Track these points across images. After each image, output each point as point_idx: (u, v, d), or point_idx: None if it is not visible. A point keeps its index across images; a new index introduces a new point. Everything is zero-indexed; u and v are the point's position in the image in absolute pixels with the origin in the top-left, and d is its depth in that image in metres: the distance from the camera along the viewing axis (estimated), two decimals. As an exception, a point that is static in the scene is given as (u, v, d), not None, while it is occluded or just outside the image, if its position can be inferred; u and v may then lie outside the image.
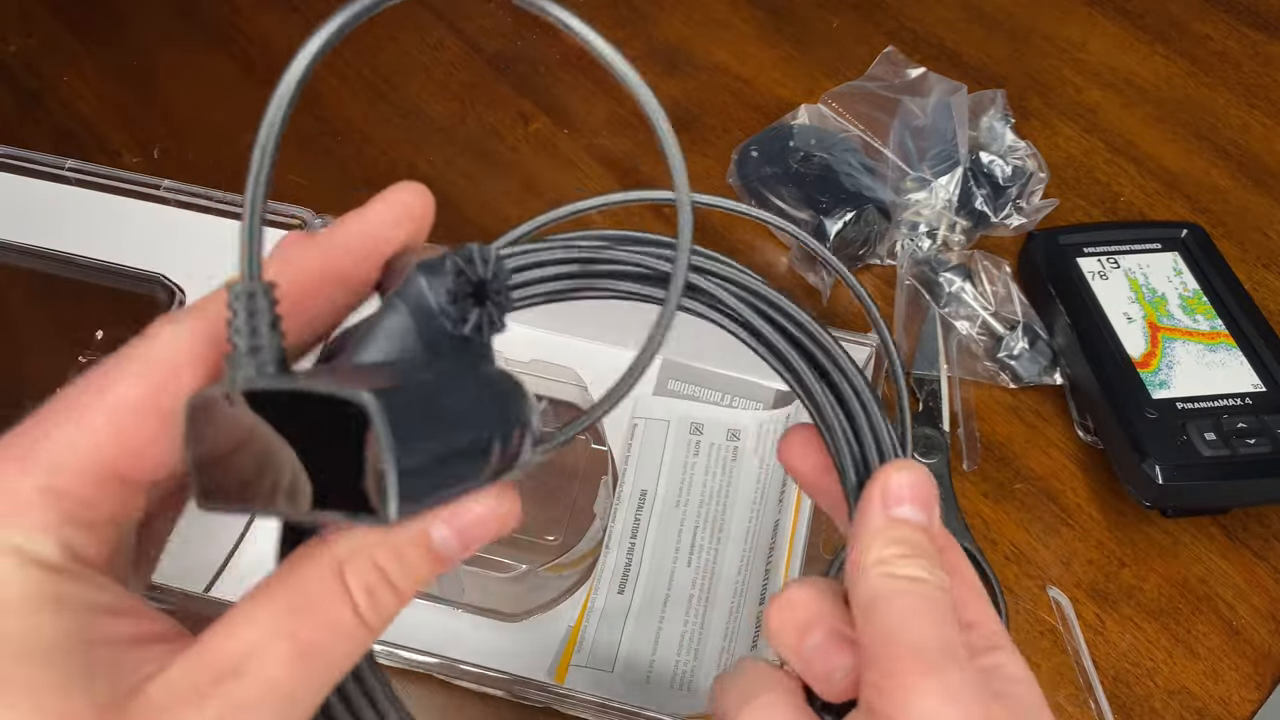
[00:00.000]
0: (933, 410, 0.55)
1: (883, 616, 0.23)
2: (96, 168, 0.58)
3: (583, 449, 0.50)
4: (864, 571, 0.24)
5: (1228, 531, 0.53)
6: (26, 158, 0.59)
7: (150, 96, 0.70)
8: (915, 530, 0.24)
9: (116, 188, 0.58)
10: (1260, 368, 0.53)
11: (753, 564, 0.49)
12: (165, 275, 0.56)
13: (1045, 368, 0.56)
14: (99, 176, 0.58)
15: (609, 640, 0.48)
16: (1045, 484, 0.54)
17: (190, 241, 0.57)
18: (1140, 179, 0.66)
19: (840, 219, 0.57)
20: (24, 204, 0.59)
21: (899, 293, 0.59)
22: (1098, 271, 0.57)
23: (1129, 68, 0.72)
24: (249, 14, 0.74)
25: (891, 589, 0.23)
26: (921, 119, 0.62)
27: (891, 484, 0.25)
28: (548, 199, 0.65)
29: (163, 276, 0.56)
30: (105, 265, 0.56)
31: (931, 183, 0.59)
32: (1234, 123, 0.69)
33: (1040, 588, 0.51)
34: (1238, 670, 0.49)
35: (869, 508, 0.25)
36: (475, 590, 0.47)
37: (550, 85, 0.71)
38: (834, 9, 0.75)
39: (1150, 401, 0.51)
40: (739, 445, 0.54)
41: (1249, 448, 0.49)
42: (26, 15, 0.74)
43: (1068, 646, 0.49)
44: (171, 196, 0.57)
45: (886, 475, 0.25)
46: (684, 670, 0.47)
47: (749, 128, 0.68)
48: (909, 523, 0.24)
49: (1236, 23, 0.74)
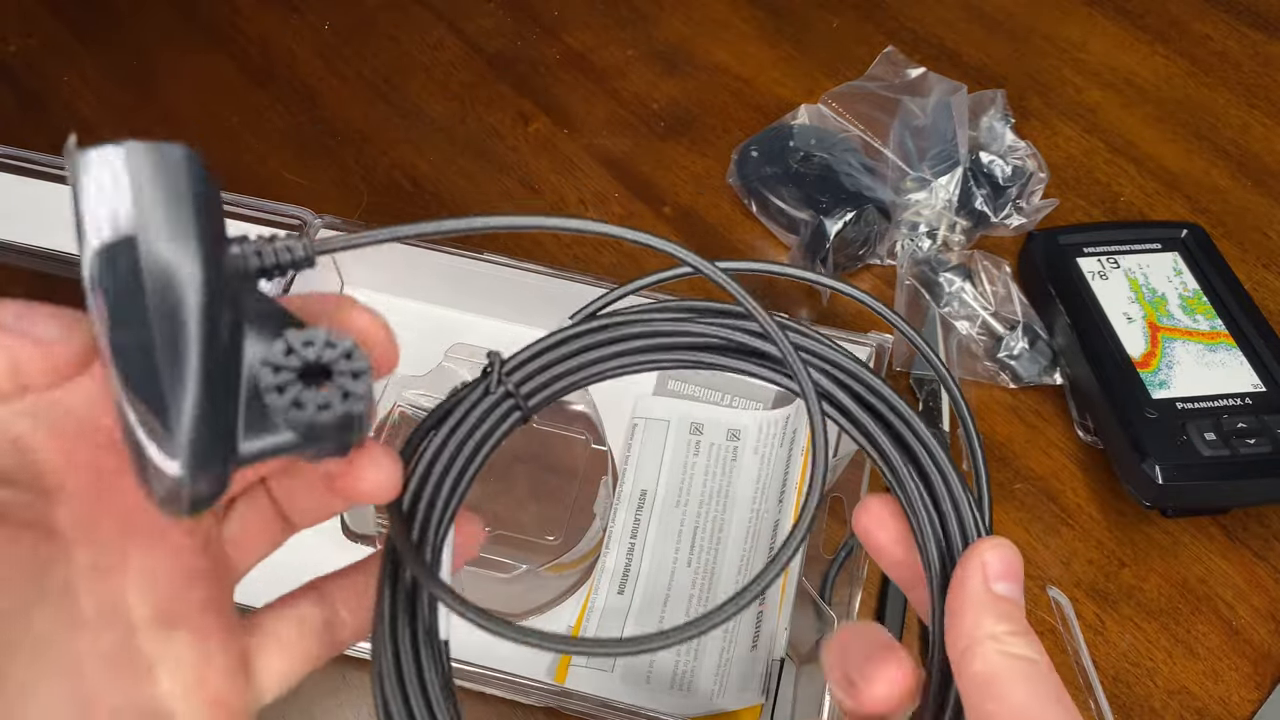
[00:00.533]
0: (933, 410, 0.55)
1: (1011, 695, 0.23)
2: None
3: (583, 449, 0.50)
4: (978, 645, 0.24)
5: (1228, 531, 0.53)
6: (26, 158, 0.59)
7: (150, 96, 0.70)
8: (1017, 608, 0.25)
9: None
10: (1260, 368, 0.53)
11: (753, 564, 0.49)
12: None
13: (1045, 368, 0.56)
14: None
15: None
16: (1045, 484, 0.54)
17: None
18: (1140, 179, 0.66)
19: (840, 219, 0.57)
20: (24, 204, 0.59)
21: (899, 293, 0.59)
22: (1098, 271, 0.57)
23: (1129, 68, 0.72)
24: (249, 14, 0.74)
25: (1013, 669, 0.24)
26: (921, 119, 0.62)
27: (990, 560, 0.25)
28: (548, 199, 0.65)
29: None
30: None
31: (931, 183, 0.59)
32: (1234, 123, 0.69)
33: (1040, 588, 0.51)
34: (1238, 670, 0.49)
35: (971, 582, 0.25)
36: (475, 590, 0.47)
37: (550, 85, 0.71)
38: (834, 9, 0.75)
39: (1150, 401, 0.51)
40: (739, 445, 0.54)
41: (1249, 448, 0.49)
42: (26, 15, 0.74)
43: (1068, 646, 0.49)
44: None
45: (983, 551, 0.25)
46: (684, 670, 0.47)
47: (749, 128, 0.68)
48: (1010, 600, 0.25)
49: (1236, 23, 0.74)
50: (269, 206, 0.56)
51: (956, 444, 0.54)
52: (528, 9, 0.75)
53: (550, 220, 0.24)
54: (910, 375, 0.57)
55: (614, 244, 0.62)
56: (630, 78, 0.71)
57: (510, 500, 0.49)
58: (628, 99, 0.70)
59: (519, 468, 0.50)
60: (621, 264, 0.62)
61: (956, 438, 0.54)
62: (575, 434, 0.51)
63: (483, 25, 0.74)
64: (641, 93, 0.70)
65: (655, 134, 0.68)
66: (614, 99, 0.70)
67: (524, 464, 0.50)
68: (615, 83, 0.71)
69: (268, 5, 0.74)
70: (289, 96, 0.69)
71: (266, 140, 0.67)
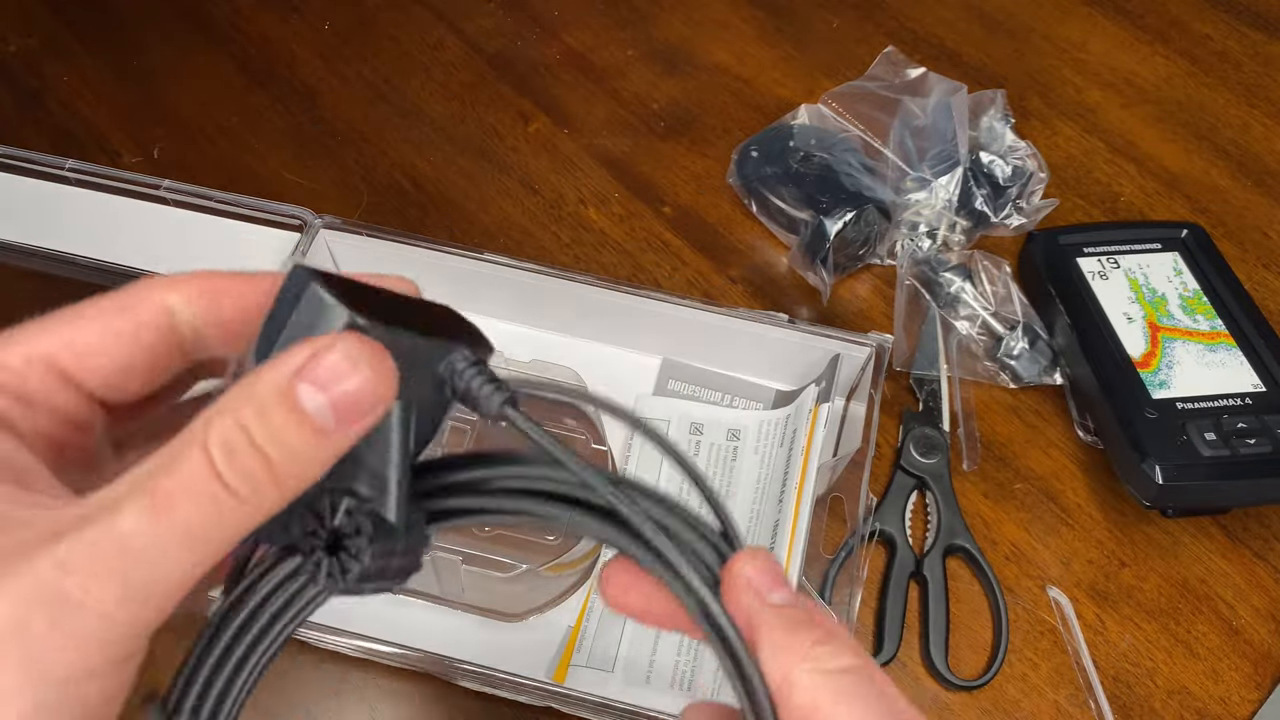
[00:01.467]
0: (933, 410, 0.55)
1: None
2: (96, 168, 0.58)
3: (583, 449, 0.50)
4: (791, 673, 0.21)
5: (1228, 531, 0.53)
6: (26, 158, 0.59)
7: (150, 96, 0.70)
8: (806, 612, 0.22)
9: (116, 188, 0.58)
10: (1260, 368, 0.53)
11: (753, 564, 0.49)
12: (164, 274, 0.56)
13: (1045, 368, 0.56)
14: (99, 176, 0.58)
15: (609, 640, 0.48)
16: (1045, 484, 0.54)
17: (190, 241, 0.57)
18: (1140, 179, 0.66)
19: (840, 219, 0.57)
20: (24, 204, 0.59)
21: (899, 293, 0.59)
22: (1098, 271, 0.57)
23: (1129, 68, 0.72)
24: (249, 14, 0.74)
25: (836, 691, 0.21)
26: (921, 119, 0.62)
27: (750, 575, 0.22)
28: (547, 198, 0.65)
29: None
30: (105, 265, 0.56)
31: (931, 183, 0.59)
32: (1234, 123, 0.69)
33: (1040, 588, 0.51)
34: (1238, 670, 0.49)
35: (751, 610, 0.22)
36: (475, 590, 0.47)
37: (550, 85, 0.71)
38: (834, 9, 0.75)
39: (1150, 401, 0.51)
40: (739, 445, 0.54)
41: (1249, 448, 0.49)
42: (26, 15, 0.74)
43: (1068, 646, 0.49)
44: (171, 196, 0.57)
45: (741, 569, 0.22)
46: (684, 670, 0.47)
47: (749, 128, 0.68)
48: (793, 608, 0.22)
49: (1236, 23, 0.74)
50: (269, 206, 0.56)
51: (956, 444, 0.54)
52: (528, 9, 0.75)
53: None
54: (910, 375, 0.57)
55: (614, 243, 0.62)
56: (630, 78, 0.71)
57: (510, 500, 0.49)
58: (628, 99, 0.70)
59: (519, 468, 0.50)
60: (621, 263, 0.62)
61: (956, 438, 0.55)
62: (575, 434, 0.51)
63: (483, 25, 0.74)
64: (641, 93, 0.70)
65: (655, 134, 0.68)
66: (614, 99, 0.70)
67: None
68: (615, 83, 0.71)
69: (268, 5, 0.74)
70: (289, 96, 0.69)
71: (266, 140, 0.67)
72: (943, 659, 0.48)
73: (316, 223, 0.55)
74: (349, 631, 0.45)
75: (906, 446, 0.54)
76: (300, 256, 0.53)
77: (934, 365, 0.56)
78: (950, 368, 0.57)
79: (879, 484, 0.53)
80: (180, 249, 0.57)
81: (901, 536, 0.51)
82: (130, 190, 0.58)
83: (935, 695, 0.48)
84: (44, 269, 0.57)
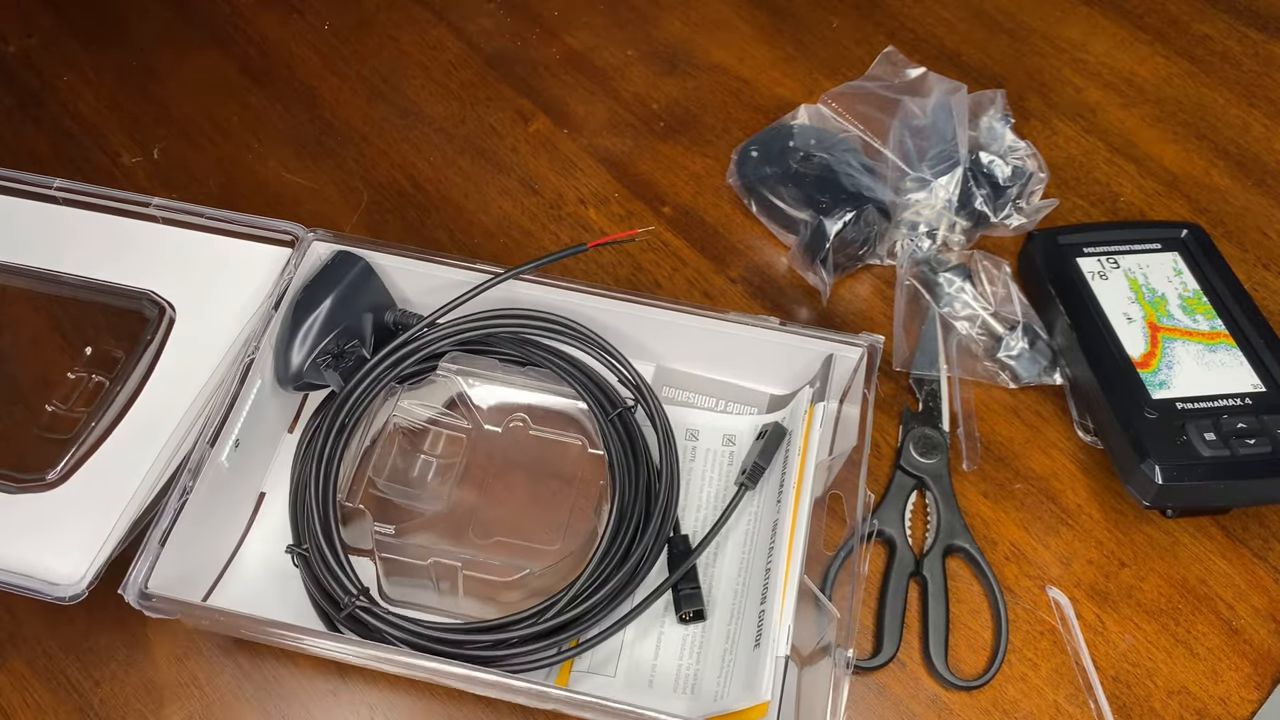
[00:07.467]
0: (933, 410, 0.55)
1: None
2: (84, 186, 0.57)
3: (579, 454, 0.50)
4: None
5: (1228, 531, 0.53)
6: (14, 177, 0.58)
7: (150, 96, 0.70)
8: None
9: (105, 205, 0.57)
10: (1260, 368, 0.53)
11: (752, 565, 0.49)
12: (154, 292, 0.55)
13: (1045, 368, 0.56)
14: (87, 195, 0.57)
15: (610, 644, 0.47)
16: (1045, 484, 0.54)
17: (179, 258, 0.56)
18: (1140, 179, 0.66)
19: (840, 219, 0.57)
20: (11, 223, 0.58)
21: (899, 293, 0.59)
22: (1097, 271, 0.57)
23: (1129, 68, 0.72)
24: (249, 14, 0.74)
25: None
26: (921, 119, 0.62)
27: None
28: (547, 198, 0.65)
29: (152, 293, 0.55)
30: (94, 282, 0.56)
31: (931, 183, 0.59)
32: (1234, 123, 0.69)
33: (1040, 588, 0.51)
34: (1238, 670, 0.49)
35: None
36: (475, 596, 0.47)
37: (550, 85, 0.71)
38: (834, 9, 0.75)
39: (1150, 401, 0.51)
40: (734, 450, 0.54)
41: (1249, 448, 0.49)
42: (26, 15, 0.74)
43: (1067, 646, 0.49)
44: (160, 214, 0.57)
45: None
46: (687, 673, 0.47)
47: (749, 128, 0.68)
48: None
49: (1236, 23, 0.74)
50: (260, 222, 0.55)
51: (956, 444, 0.54)
52: (528, 9, 0.75)
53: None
54: (910, 375, 0.57)
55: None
56: (630, 78, 0.71)
57: (509, 505, 0.49)
58: (628, 99, 0.70)
59: (517, 474, 0.50)
60: (621, 263, 0.62)
61: (956, 438, 0.55)
62: (572, 439, 0.51)
63: (483, 25, 0.74)
64: (641, 93, 0.70)
65: (655, 134, 0.68)
66: (614, 99, 0.70)
67: (522, 470, 0.50)
68: (615, 83, 0.71)
69: (268, 5, 0.74)
70: (289, 96, 0.69)
71: (266, 140, 0.67)
72: (942, 659, 0.48)
73: (309, 236, 0.54)
74: (349, 637, 0.45)
75: (906, 446, 0.54)
76: (292, 271, 0.53)
77: (934, 365, 0.56)
78: (950, 368, 0.57)
79: (878, 483, 0.53)
80: (169, 266, 0.56)
81: (901, 536, 0.51)
82: (119, 208, 0.57)
83: (935, 695, 0.48)
84: (32, 287, 0.56)
